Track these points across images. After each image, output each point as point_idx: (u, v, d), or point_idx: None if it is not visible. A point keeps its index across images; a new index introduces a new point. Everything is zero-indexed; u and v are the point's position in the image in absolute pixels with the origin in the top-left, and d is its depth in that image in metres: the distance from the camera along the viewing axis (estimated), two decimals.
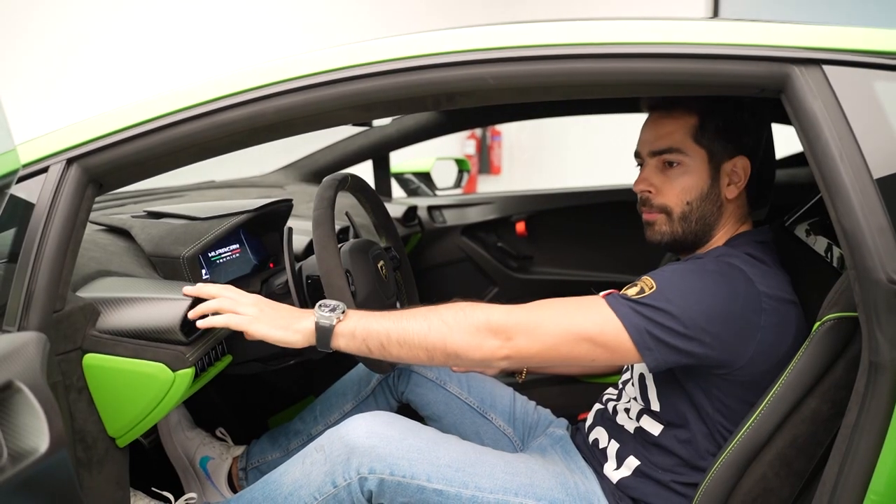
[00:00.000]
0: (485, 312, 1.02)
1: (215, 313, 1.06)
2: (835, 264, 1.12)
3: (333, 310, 1.05)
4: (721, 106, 1.13)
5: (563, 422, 1.40)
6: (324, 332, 1.05)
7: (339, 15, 4.39)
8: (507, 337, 1.01)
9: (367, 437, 1.07)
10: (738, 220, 1.18)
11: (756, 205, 1.20)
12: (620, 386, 1.29)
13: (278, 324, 1.06)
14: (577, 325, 1.01)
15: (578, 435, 1.32)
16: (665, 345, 1.00)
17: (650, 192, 1.17)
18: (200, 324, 1.05)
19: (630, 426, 1.19)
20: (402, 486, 1.06)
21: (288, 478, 1.13)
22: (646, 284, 1.04)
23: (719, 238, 1.17)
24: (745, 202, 1.18)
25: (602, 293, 1.05)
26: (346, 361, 1.50)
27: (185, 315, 1.05)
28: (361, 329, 1.04)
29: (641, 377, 1.18)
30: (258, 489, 1.16)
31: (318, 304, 1.06)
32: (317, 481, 1.08)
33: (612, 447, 1.20)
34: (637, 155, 1.21)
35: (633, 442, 1.18)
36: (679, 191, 1.15)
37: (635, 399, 1.20)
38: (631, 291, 1.04)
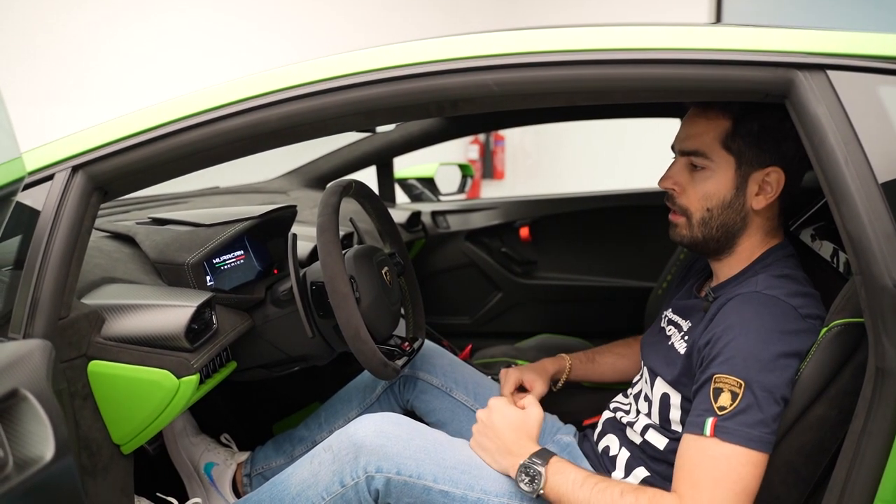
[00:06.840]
0: None
1: None
2: (841, 269, 1.11)
3: (535, 477, 1.04)
4: (761, 110, 1.05)
5: (571, 428, 1.39)
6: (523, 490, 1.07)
7: (342, 22, 4.40)
8: None
9: (375, 437, 1.07)
10: (766, 233, 1.12)
11: (787, 216, 1.13)
12: (631, 399, 1.28)
13: (489, 448, 1.12)
14: (741, 489, 0.96)
15: (586, 442, 1.31)
16: (773, 429, 0.97)
17: (675, 189, 1.13)
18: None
19: (637, 439, 1.19)
20: (408, 486, 1.05)
21: (296, 478, 1.13)
22: (733, 385, 0.98)
23: (745, 248, 1.12)
24: (777, 214, 1.12)
25: (709, 427, 0.98)
26: (350, 368, 1.50)
27: (190, 322, 1.05)
28: (554, 495, 1.04)
29: (665, 398, 1.14)
30: (265, 491, 1.16)
31: (530, 457, 1.06)
32: (325, 481, 1.09)
33: (623, 456, 1.20)
34: (672, 148, 1.17)
35: (642, 454, 1.17)
36: (701, 196, 1.10)
37: (647, 415, 1.19)
38: (725, 401, 0.98)
